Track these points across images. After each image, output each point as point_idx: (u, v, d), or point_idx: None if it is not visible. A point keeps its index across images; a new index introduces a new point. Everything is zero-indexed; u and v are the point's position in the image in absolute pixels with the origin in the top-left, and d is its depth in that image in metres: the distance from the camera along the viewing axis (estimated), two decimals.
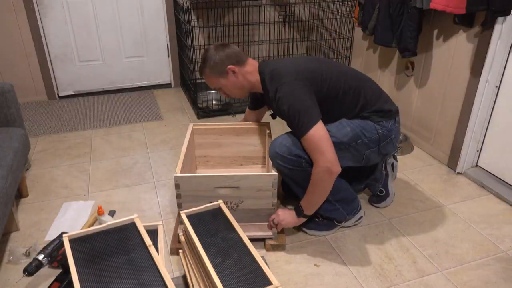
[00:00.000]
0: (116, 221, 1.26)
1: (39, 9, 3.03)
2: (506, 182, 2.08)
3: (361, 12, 2.59)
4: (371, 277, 1.54)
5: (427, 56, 2.34)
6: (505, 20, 1.86)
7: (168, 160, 2.38)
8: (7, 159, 1.63)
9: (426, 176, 2.22)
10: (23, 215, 1.91)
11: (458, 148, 2.21)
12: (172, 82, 3.60)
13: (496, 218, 1.88)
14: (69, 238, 1.21)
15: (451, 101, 2.23)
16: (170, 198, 2.02)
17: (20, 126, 1.95)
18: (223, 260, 1.21)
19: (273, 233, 1.66)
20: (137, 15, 3.28)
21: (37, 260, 1.39)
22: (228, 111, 3.02)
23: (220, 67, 1.62)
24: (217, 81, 1.66)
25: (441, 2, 1.93)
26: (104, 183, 2.16)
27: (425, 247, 1.70)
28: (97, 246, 1.20)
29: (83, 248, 1.18)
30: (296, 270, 1.58)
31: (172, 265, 1.60)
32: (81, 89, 3.40)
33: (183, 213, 1.41)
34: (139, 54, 3.42)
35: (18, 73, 3.11)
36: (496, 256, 1.65)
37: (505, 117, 2.03)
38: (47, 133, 2.74)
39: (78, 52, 3.26)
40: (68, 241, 1.20)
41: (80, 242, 1.20)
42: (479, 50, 1.99)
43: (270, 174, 1.56)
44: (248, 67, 1.65)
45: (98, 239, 1.22)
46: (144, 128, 2.82)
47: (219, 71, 1.63)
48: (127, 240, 1.22)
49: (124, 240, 1.22)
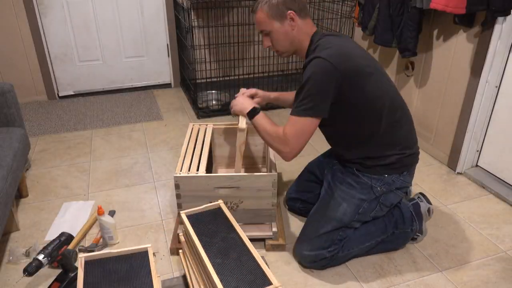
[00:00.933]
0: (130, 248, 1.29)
1: (39, 9, 3.03)
2: (506, 182, 2.08)
3: (361, 12, 2.59)
4: (371, 277, 1.54)
5: (427, 56, 2.34)
6: (505, 20, 1.86)
7: (168, 160, 2.38)
8: (7, 159, 1.63)
9: (426, 176, 2.22)
10: (23, 215, 1.91)
11: (458, 148, 2.21)
12: (172, 82, 3.60)
13: (496, 218, 1.88)
14: (85, 260, 1.25)
15: (451, 101, 2.23)
16: (170, 198, 2.02)
17: (20, 126, 1.95)
18: (223, 260, 1.21)
19: (273, 233, 1.66)
20: (137, 15, 3.28)
21: (37, 260, 1.39)
22: (228, 111, 3.01)
23: (281, 9, 1.44)
24: (270, 24, 1.47)
25: (441, 2, 1.93)
26: (104, 183, 2.16)
27: (425, 247, 1.70)
28: (107, 270, 1.23)
29: (94, 271, 1.22)
30: (296, 270, 1.58)
31: (172, 265, 1.60)
32: (81, 89, 3.40)
33: (183, 213, 1.41)
34: (139, 54, 3.42)
35: (18, 73, 3.11)
36: (496, 256, 1.65)
37: (505, 117, 2.03)
38: (47, 133, 2.74)
39: (78, 52, 3.26)
40: (83, 262, 1.24)
41: (93, 265, 1.24)
42: (479, 50, 1.99)
43: (270, 174, 1.56)
44: (306, 25, 1.49)
45: (110, 263, 1.25)
46: (144, 128, 2.82)
47: (278, 13, 1.45)
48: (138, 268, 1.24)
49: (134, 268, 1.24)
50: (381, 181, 1.52)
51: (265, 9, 1.46)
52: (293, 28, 1.47)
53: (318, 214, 1.58)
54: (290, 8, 1.44)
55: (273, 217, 1.67)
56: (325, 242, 1.52)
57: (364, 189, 1.53)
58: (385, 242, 1.61)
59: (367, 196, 1.53)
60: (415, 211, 1.65)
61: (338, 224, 1.52)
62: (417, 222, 1.64)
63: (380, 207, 1.56)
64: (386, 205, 1.56)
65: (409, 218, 1.62)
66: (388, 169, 1.51)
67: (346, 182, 1.56)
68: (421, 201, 1.71)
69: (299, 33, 1.48)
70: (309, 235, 1.56)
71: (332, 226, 1.52)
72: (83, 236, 1.76)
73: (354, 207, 1.53)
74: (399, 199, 1.60)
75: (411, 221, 1.62)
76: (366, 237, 1.58)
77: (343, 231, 1.53)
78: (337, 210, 1.53)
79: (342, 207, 1.53)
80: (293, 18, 1.45)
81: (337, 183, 1.58)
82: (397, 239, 1.63)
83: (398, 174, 1.52)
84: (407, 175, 1.55)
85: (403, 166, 1.52)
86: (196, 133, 1.90)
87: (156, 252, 1.66)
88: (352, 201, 1.53)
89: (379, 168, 1.51)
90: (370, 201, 1.53)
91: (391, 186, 1.53)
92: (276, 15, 1.45)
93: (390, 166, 1.50)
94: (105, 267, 1.23)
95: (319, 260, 1.53)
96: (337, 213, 1.53)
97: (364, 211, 1.54)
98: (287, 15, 1.45)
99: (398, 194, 1.57)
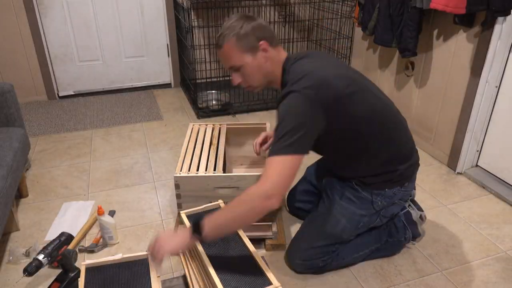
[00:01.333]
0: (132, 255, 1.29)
1: (39, 9, 3.03)
2: (506, 182, 2.08)
3: (361, 12, 2.59)
4: (371, 277, 1.54)
5: (427, 56, 2.34)
6: (505, 20, 1.86)
7: (168, 160, 2.38)
8: (7, 159, 1.63)
9: (426, 176, 2.22)
10: (23, 215, 1.91)
11: (458, 148, 2.21)
12: (172, 82, 3.60)
13: (496, 218, 1.88)
14: (86, 267, 1.25)
15: (451, 101, 2.23)
16: (170, 198, 2.02)
17: (20, 126, 1.95)
18: (223, 260, 1.21)
19: (273, 233, 1.66)
20: (137, 15, 3.28)
21: (37, 260, 1.39)
22: (228, 111, 3.01)
23: (252, 40, 1.29)
24: (240, 58, 1.31)
25: (441, 2, 1.93)
26: (104, 183, 2.16)
27: (425, 247, 1.70)
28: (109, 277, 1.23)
29: (95, 279, 1.22)
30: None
31: (172, 265, 1.60)
32: (81, 89, 3.40)
33: (183, 213, 1.41)
34: (139, 54, 3.42)
35: (18, 73, 3.11)
36: (496, 256, 1.65)
37: (505, 117, 2.03)
38: (47, 133, 2.74)
39: (78, 52, 3.26)
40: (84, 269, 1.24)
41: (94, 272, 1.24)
42: (479, 50, 1.99)
43: None
44: (278, 54, 1.36)
45: (112, 270, 1.25)
46: (144, 128, 2.82)
47: (249, 44, 1.29)
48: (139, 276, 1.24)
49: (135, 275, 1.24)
50: (382, 196, 1.44)
51: (233, 42, 1.29)
52: (267, 60, 1.33)
53: (315, 226, 1.53)
54: (261, 38, 1.30)
55: (273, 217, 1.66)
56: (320, 254, 1.49)
57: (364, 204, 1.46)
58: (379, 250, 1.59)
59: (367, 212, 1.46)
60: (406, 220, 1.59)
61: (335, 240, 1.49)
62: (410, 231, 1.59)
63: (380, 219, 1.51)
64: (386, 216, 1.52)
65: (402, 228, 1.58)
66: (389, 184, 1.43)
67: (345, 196, 1.48)
68: (412, 209, 1.61)
69: (272, 64, 1.35)
70: (304, 246, 1.51)
71: (329, 241, 1.48)
72: (83, 236, 1.76)
73: (355, 223, 1.47)
74: (400, 208, 1.56)
75: (403, 230, 1.58)
76: (360, 247, 1.55)
77: (339, 244, 1.51)
78: (336, 226, 1.47)
79: (341, 224, 1.47)
80: (265, 49, 1.31)
81: (336, 196, 1.50)
82: (392, 246, 1.61)
83: (399, 187, 1.45)
84: (409, 185, 1.48)
85: (403, 179, 1.45)
86: (196, 133, 1.90)
87: None
88: (352, 217, 1.47)
89: (379, 184, 1.43)
90: (371, 215, 1.48)
91: (393, 199, 1.46)
92: (246, 47, 1.30)
93: (392, 181, 1.43)
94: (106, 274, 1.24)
95: (312, 267, 1.51)
96: (336, 229, 1.48)
97: (363, 225, 1.49)
98: (259, 46, 1.30)
99: (399, 204, 1.53)
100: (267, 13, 3.34)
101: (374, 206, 1.45)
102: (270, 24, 3.36)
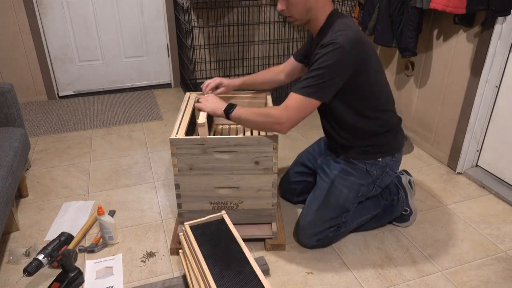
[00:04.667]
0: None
1: (39, 9, 3.03)
2: (506, 182, 2.08)
3: (361, 12, 2.59)
4: (371, 277, 1.54)
5: (427, 56, 2.34)
6: (505, 20, 1.86)
7: (168, 160, 2.38)
8: (7, 159, 1.63)
9: (426, 176, 2.22)
10: (23, 215, 1.91)
11: (458, 148, 2.21)
12: (172, 82, 3.60)
13: (496, 218, 1.88)
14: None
15: (451, 101, 2.23)
16: (170, 198, 2.02)
17: (20, 126, 1.95)
18: (223, 271, 1.22)
19: (273, 233, 1.66)
20: (137, 15, 3.28)
21: (37, 260, 1.39)
22: None
23: None
24: None
25: (441, 2, 1.93)
26: (104, 183, 2.16)
27: (425, 247, 1.70)
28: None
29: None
30: (296, 270, 1.58)
31: (172, 265, 1.60)
32: (81, 89, 3.40)
33: (187, 224, 1.41)
34: (139, 54, 3.42)
35: (18, 73, 3.11)
36: (496, 256, 1.65)
37: (505, 117, 2.03)
38: (47, 133, 2.74)
39: (78, 52, 3.26)
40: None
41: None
42: (479, 50, 1.99)
43: (270, 174, 1.56)
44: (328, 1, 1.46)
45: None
46: (144, 128, 2.82)
47: None
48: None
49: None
50: (376, 165, 1.61)
51: None
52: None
53: (320, 201, 1.64)
54: None
55: (273, 217, 1.67)
56: (328, 226, 1.63)
57: (361, 175, 1.62)
58: (377, 216, 1.74)
59: (365, 181, 1.63)
60: (398, 182, 1.78)
61: (342, 210, 1.63)
62: (402, 190, 1.75)
63: (375, 189, 1.68)
64: (381, 186, 1.69)
65: (394, 187, 1.75)
66: (381, 152, 1.61)
67: (344, 169, 1.63)
68: (402, 174, 1.81)
69: (318, 4, 1.43)
70: (313, 221, 1.63)
71: (336, 212, 1.63)
72: (83, 236, 1.76)
73: (355, 192, 1.63)
74: (392, 178, 1.71)
75: (396, 190, 1.74)
76: (363, 211, 1.70)
77: (344, 214, 1.65)
78: (340, 197, 1.62)
79: (344, 194, 1.62)
80: None
81: (335, 171, 1.65)
82: (389, 209, 1.74)
83: (390, 156, 1.62)
84: (398, 155, 1.66)
85: (393, 149, 1.62)
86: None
87: (156, 252, 1.66)
88: (352, 187, 1.62)
89: (373, 154, 1.60)
90: (368, 184, 1.64)
91: (385, 168, 1.63)
92: None
93: (384, 148, 1.60)
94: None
95: (323, 240, 1.64)
96: (340, 199, 1.62)
97: (362, 194, 1.65)
98: None
99: (390, 175, 1.67)
100: (267, 13, 3.34)
101: (370, 175, 1.62)
102: (270, 24, 3.36)
